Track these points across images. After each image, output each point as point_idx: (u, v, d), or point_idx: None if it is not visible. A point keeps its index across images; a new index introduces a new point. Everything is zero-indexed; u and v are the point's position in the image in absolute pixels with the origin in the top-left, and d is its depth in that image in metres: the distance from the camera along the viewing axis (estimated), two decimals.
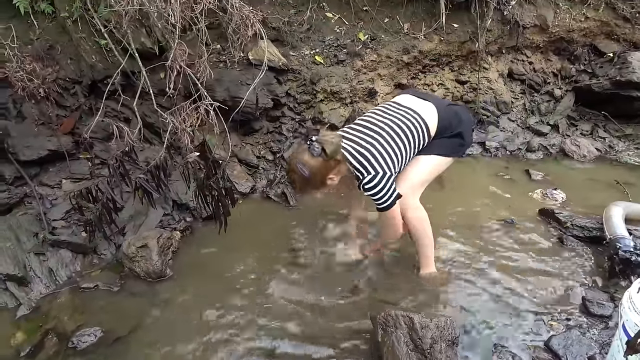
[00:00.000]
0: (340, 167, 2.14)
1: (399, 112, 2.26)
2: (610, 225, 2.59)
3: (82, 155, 3.02)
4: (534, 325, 2.11)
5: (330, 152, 2.06)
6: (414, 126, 2.21)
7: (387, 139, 2.15)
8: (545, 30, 4.45)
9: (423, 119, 2.23)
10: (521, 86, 4.58)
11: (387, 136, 2.16)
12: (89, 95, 3.28)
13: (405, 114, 2.24)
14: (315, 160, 2.07)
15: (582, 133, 4.35)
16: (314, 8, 4.01)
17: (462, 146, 2.35)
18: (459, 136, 2.30)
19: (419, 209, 2.30)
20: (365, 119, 2.29)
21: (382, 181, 2.09)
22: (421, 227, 2.32)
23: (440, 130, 2.27)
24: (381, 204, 2.14)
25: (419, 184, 2.30)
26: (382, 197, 2.11)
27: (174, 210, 2.94)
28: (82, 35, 3.18)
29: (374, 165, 2.10)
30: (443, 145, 2.30)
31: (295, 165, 2.10)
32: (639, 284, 1.54)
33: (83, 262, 2.56)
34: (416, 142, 2.22)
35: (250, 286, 2.38)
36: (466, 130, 2.32)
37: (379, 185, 2.09)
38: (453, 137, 2.30)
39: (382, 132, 2.17)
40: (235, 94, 3.32)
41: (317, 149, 2.06)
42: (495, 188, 3.40)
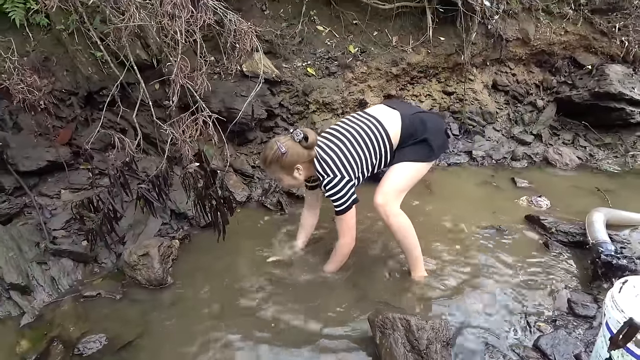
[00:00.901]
0: (309, 165, 2.32)
1: (361, 121, 2.42)
2: (592, 231, 2.72)
3: (82, 166, 3.05)
4: (523, 326, 2.21)
5: (310, 141, 2.25)
6: (372, 133, 2.35)
7: (347, 145, 2.32)
8: (527, 43, 4.63)
9: (383, 126, 2.37)
10: (505, 97, 4.75)
11: (348, 142, 2.33)
12: (85, 106, 3.32)
13: (367, 122, 2.40)
14: (294, 143, 2.26)
15: (564, 142, 4.53)
16: (306, 21, 4.12)
17: (430, 152, 2.43)
18: (425, 142, 2.40)
19: (401, 216, 2.40)
20: (333, 127, 2.46)
21: (340, 184, 2.26)
22: (404, 233, 2.42)
23: (404, 138, 2.39)
24: (338, 206, 2.30)
25: (396, 192, 2.40)
26: (339, 200, 2.28)
27: (172, 219, 2.99)
28: (77, 47, 3.22)
29: (332, 169, 2.28)
30: (412, 152, 2.41)
31: (275, 143, 2.29)
32: (620, 284, 1.65)
33: (84, 270, 2.60)
34: (376, 149, 2.37)
35: (248, 292, 2.44)
36: (433, 136, 2.41)
37: (336, 187, 2.26)
38: (419, 143, 2.40)
39: (344, 138, 2.35)
40: (230, 105, 3.40)
41: (299, 135, 2.25)
42: (482, 196, 3.53)
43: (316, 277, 2.56)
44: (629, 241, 2.77)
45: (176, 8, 2.36)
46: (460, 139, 4.42)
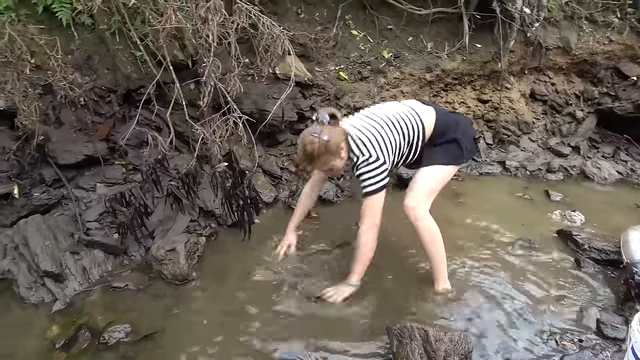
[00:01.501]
0: (345, 143, 2.27)
1: (397, 107, 2.42)
2: (627, 250, 2.61)
3: (117, 161, 3.17)
4: (547, 344, 2.14)
5: (337, 117, 2.25)
6: (409, 120, 2.34)
7: (385, 127, 2.30)
8: (568, 53, 4.49)
9: (420, 116, 2.36)
10: (543, 107, 4.63)
11: (385, 125, 2.31)
12: (123, 103, 3.44)
13: (403, 110, 2.39)
14: (325, 127, 2.20)
15: (603, 155, 4.36)
16: (340, 26, 4.14)
17: (460, 154, 2.41)
18: (456, 142, 2.38)
19: (428, 220, 2.37)
20: (369, 109, 2.46)
21: (374, 165, 2.23)
22: (432, 238, 2.37)
23: (437, 133, 2.38)
24: (368, 186, 2.25)
25: (426, 194, 2.38)
26: (370, 180, 2.25)
27: (200, 217, 3.06)
28: (118, 47, 3.35)
29: (368, 149, 2.25)
30: (442, 153, 2.39)
31: (310, 135, 2.20)
32: None
33: (114, 262, 2.69)
34: (411, 137, 2.35)
35: (270, 292, 2.47)
36: (464, 138, 2.40)
37: (369, 167, 2.23)
38: (450, 144, 2.38)
39: (381, 121, 2.33)
40: (261, 106, 3.45)
41: (326, 117, 2.22)
42: (514, 207, 3.45)
43: (342, 274, 2.56)
44: None
45: (209, 12, 2.42)
46: (494, 149, 4.33)
